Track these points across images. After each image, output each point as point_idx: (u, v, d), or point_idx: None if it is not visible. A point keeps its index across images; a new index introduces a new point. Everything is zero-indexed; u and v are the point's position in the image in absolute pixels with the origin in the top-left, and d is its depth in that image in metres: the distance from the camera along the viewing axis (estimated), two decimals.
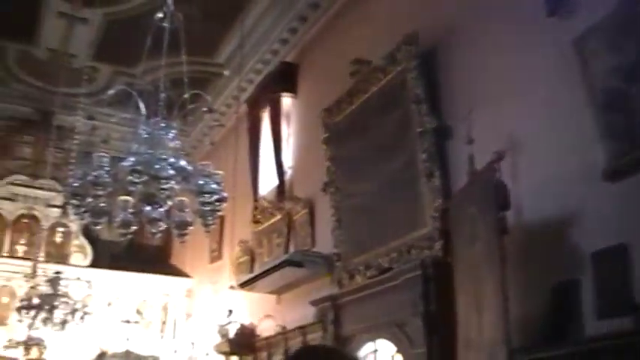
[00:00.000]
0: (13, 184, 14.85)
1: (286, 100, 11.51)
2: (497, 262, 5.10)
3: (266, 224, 11.27)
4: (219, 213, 5.44)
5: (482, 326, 5.35)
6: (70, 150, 11.35)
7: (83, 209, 5.25)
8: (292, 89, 11.45)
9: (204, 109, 5.52)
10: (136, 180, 5.03)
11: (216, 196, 5.32)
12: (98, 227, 5.52)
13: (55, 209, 14.26)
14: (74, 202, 5.26)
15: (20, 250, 14.44)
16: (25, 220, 14.73)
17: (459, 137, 6.69)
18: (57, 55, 13.28)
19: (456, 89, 7.13)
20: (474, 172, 5.99)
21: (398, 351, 7.21)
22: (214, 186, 5.34)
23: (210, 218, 5.33)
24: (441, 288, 6.39)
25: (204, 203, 5.28)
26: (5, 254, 14.33)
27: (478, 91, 6.74)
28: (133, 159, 5.14)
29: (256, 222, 11.58)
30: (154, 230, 5.33)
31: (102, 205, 5.24)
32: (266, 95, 11.86)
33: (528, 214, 5.67)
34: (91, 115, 10.27)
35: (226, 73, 13.26)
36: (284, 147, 11.20)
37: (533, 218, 5.64)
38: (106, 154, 5.29)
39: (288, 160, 11.16)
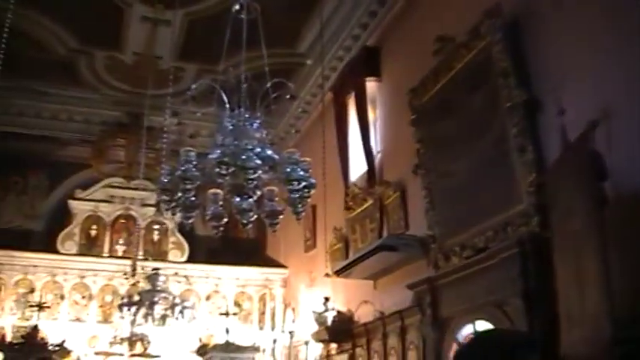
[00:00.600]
0: (109, 186, 15.37)
1: (371, 85, 11.42)
2: (597, 234, 4.92)
3: (358, 210, 11.21)
4: (309, 200, 5.38)
5: (585, 301, 5.16)
6: (161, 150, 11.58)
7: (174, 204, 5.30)
8: (376, 73, 11.36)
9: (287, 96, 5.48)
10: (223, 172, 5.03)
11: (304, 183, 5.27)
12: (190, 221, 5.55)
13: (151, 208, 14.62)
14: (164, 197, 5.31)
15: (120, 249, 14.95)
16: (123, 221, 15.25)
17: (550, 109, 6.48)
18: (143, 58, 13.60)
19: (544, 59, 6.89)
20: (568, 143, 5.79)
21: None
22: (302, 173, 5.28)
23: (299, 206, 5.30)
24: (539, 265, 6.20)
25: (292, 191, 5.24)
26: (106, 254, 14.85)
27: (567, 59, 6.50)
28: (219, 151, 5.15)
29: (348, 209, 11.54)
30: (244, 221, 5.34)
31: (192, 199, 5.27)
32: (350, 81, 11.81)
33: (627, 183, 5.42)
34: (175, 111, 10.39)
35: (309, 62, 13.28)
36: (371, 132, 11.12)
37: (633, 187, 5.39)
38: (192, 149, 5.31)
39: (376, 144, 11.08)
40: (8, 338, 13.00)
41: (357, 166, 11.60)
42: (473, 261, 7.40)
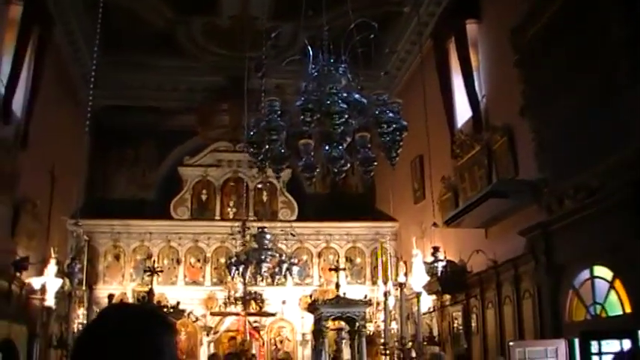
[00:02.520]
0: (216, 151, 15.64)
1: (471, 27, 10.97)
2: None
3: (466, 158, 10.89)
4: (401, 144, 4.99)
5: None
6: (261, 110, 11.52)
7: (261, 157, 5.13)
8: (476, 15, 10.90)
9: (371, 35, 5.21)
10: (308, 119, 4.78)
11: (394, 126, 4.91)
12: (280, 174, 5.37)
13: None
14: (252, 150, 5.14)
15: (231, 212, 15.22)
16: (232, 184, 15.51)
17: None
18: (239, 20, 13.55)
19: None
20: None
21: (616, 276, 6.72)
22: (391, 115, 4.92)
23: (392, 151, 4.96)
24: None
25: (383, 134, 4.89)
26: (217, 217, 15.17)
27: None
28: (303, 98, 4.87)
29: (456, 157, 11.23)
30: (335, 169, 5.10)
31: (281, 150, 5.08)
32: (450, 25, 11.39)
33: None
34: (258, 64, 10.20)
35: (406, 9, 12.91)
36: (475, 76, 10.74)
37: None
38: (276, 99, 5.08)
39: (480, 89, 10.70)
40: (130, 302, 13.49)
41: (462, 113, 11.25)
42: (586, 203, 7.06)
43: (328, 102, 4.72)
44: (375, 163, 5.19)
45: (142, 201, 15.35)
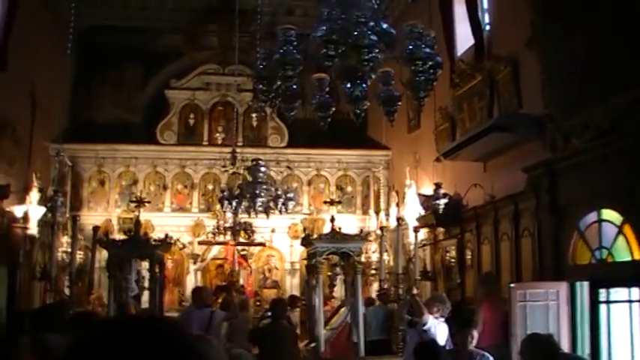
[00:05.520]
0: (204, 73, 15.06)
1: None
2: None
3: (465, 88, 10.46)
4: (435, 83, 4.50)
5: None
6: (255, 32, 10.99)
7: (272, 94, 4.55)
8: None
9: None
10: (331, 53, 4.13)
11: (430, 62, 4.35)
12: (293, 113, 4.80)
13: (248, 93, 14.19)
14: (261, 87, 4.53)
15: (219, 137, 14.79)
16: (221, 108, 15.02)
17: None
18: None
19: None
20: None
21: (626, 221, 6.42)
22: (427, 50, 4.35)
23: (423, 90, 4.46)
24: None
25: (417, 72, 4.34)
26: (205, 143, 14.76)
27: None
28: (324, 28, 4.18)
29: (455, 86, 10.80)
30: (357, 111, 4.61)
31: (293, 87, 4.52)
32: None
33: None
34: None
35: None
36: (479, 2, 10.24)
37: None
38: (292, 27, 4.38)
39: (484, 16, 10.22)
40: (115, 230, 13.17)
41: (464, 41, 10.78)
42: (596, 144, 6.72)
43: (356, 33, 4.12)
44: (400, 103, 4.76)
45: (128, 124, 14.77)
